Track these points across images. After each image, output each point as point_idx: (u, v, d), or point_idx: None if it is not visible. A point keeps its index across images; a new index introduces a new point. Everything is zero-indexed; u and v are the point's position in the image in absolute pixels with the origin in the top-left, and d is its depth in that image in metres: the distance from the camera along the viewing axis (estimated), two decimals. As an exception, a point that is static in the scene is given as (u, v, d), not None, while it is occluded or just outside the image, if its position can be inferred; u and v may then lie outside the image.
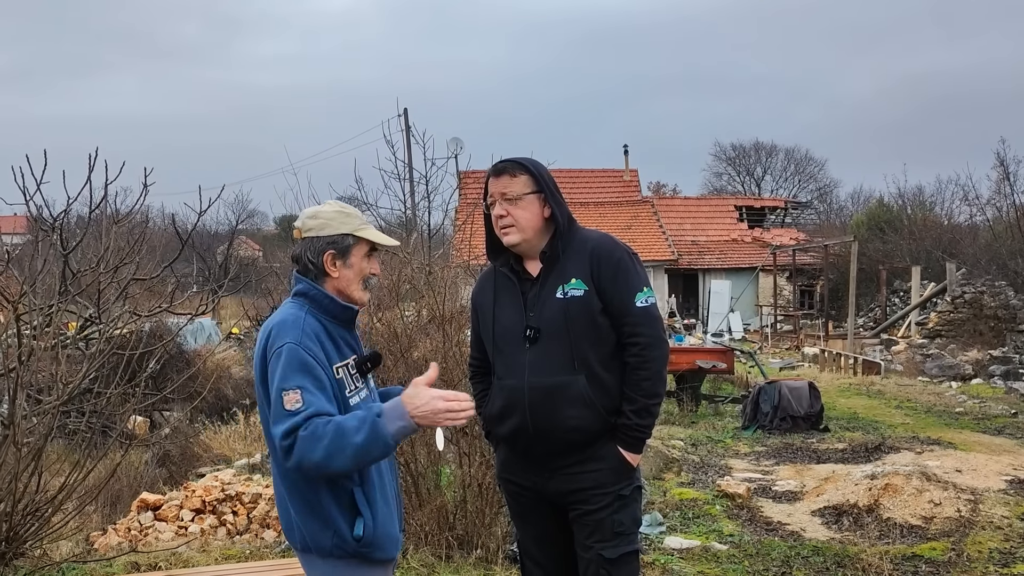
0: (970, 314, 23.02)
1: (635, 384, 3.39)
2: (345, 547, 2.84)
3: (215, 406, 13.16)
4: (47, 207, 6.65)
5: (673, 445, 10.39)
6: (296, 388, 2.72)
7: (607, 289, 3.38)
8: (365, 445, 2.68)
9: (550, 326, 3.39)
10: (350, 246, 2.98)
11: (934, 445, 10.50)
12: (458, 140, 22.61)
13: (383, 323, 7.08)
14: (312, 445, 2.66)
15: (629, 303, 3.38)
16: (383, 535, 2.90)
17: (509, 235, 3.45)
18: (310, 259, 2.96)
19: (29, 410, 5.87)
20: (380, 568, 2.95)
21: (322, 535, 2.84)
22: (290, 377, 2.73)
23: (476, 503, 5.98)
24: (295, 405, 2.70)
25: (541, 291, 3.44)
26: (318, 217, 2.98)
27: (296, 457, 2.68)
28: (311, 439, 2.66)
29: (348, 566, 2.87)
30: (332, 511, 2.83)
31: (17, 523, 5.51)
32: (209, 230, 44.55)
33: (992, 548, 6.45)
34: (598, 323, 3.38)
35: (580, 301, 3.37)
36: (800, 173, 60.37)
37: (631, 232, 34.68)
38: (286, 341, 2.79)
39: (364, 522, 2.84)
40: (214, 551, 6.45)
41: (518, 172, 3.46)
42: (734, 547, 6.57)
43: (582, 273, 3.40)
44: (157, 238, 18.68)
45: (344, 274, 2.98)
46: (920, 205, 40.96)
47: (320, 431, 2.67)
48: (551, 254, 3.46)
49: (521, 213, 3.43)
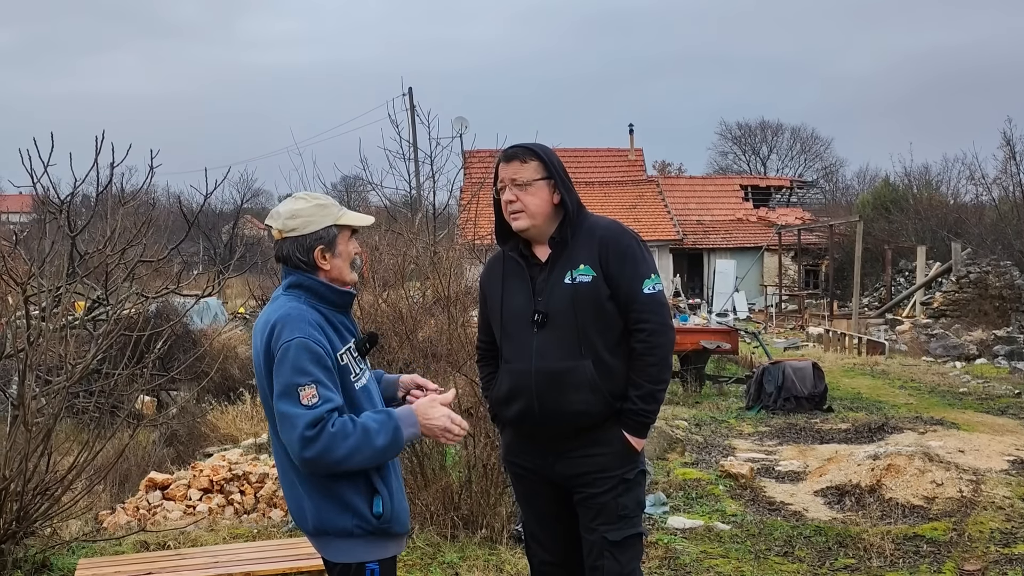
0: (975, 294, 22.99)
1: (641, 370, 3.43)
2: (366, 526, 2.90)
3: (222, 386, 13.20)
4: (54, 188, 6.68)
5: (677, 425, 10.43)
6: (311, 383, 2.78)
7: (615, 275, 3.42)
8: (384, 448, 2.83)
9: (558, 311, 3.43)
10: (335, 236, 3.02)
11: (937, 425, 10.53)
12: (463, 119, 22.54)
13: (388, 304, 7.12)
14: (339, 442, 2.76)
15: (636, 290, 3.42)
16: (400, 509, 2.99)
17: (518, 220, 3.48)
18: (300, 257, 2.99)
19: (38, 391, 5.92)
20: (397, 541, 3.04)
21: (340, 518, 2.89)
22: (304, 372, 2.78)
23: (481, 484, 6.03)
24: (312, 400, 2.76)
25: (550, 276, 3.48)
26: (298, 216, 3.00)
27: (318, 449, 2.75)
28: (339, 436, 2.76)
29: (369, 543, 2.93)
30: (348, 494, 2.88)
31: (27, 502, 5.56)
32: (214, 209, 44.57)
33: (994, 528, 6.49)
34: (605, 309, 3.42)
35: (588, 287, 3.41)
36: (806, 152, 60.14)
37: (636, 212, 34.64)
38: (295, 336, 2.83)
39: (382, 499, 2.91)
40: (222, 530, 6.51)
41: (528, 158, 3.48)
42: (737, 527, 6.62)
43: (590, 259, 3.43)
44: (163, 218, 18.70)
45: (335, 264, 3.02)
46: (926, 184, 40.75)
47: (348, 429, 2.77)
48: (560, 240, 3.48)
49: (531, 199, 3.45)
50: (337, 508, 2.89)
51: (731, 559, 5.92)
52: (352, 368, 2.97)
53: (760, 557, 5.98)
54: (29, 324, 5.93)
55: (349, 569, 2.95)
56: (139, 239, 7.04)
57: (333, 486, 2.88)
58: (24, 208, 29.45)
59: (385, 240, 9.03)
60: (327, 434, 2.74)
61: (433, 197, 14.90)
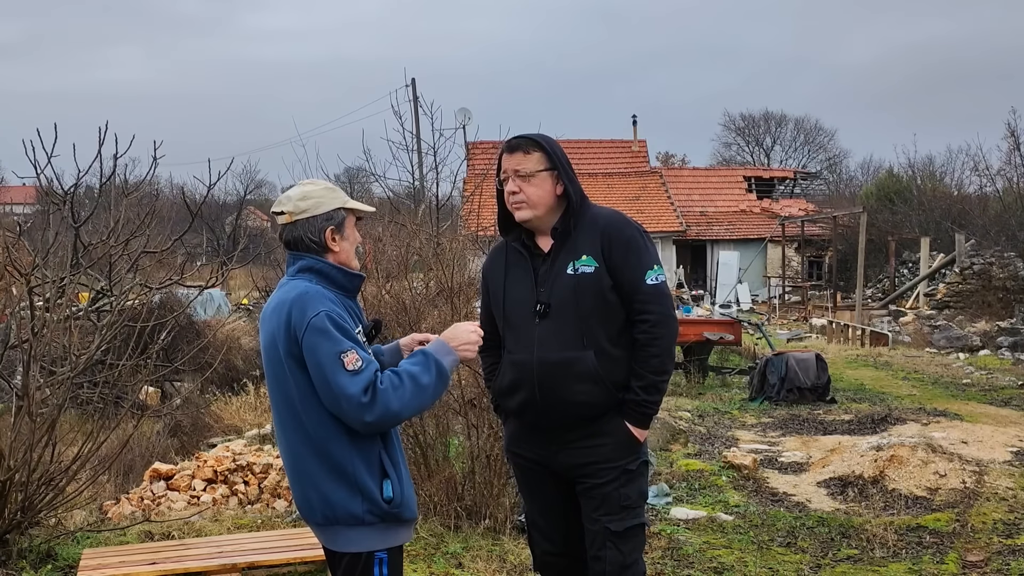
0: (979, 285, 22.98)
1: (644, 360, 3.43)
2: (376, 511, 2.91)
3: (225, 377, 13.21)
4: (57, 180, 6.70)
5: (680, 416, 10.44)
6: (350, 348, 2.83)
7: (618, 267, 3.42)
8: (434, 383, 2.92)
9: (560, 302, 3.43)
10: (344, 219, 3.07)
11: (940, 416, 10.53)
12: (466, 111, 22.47)
13: (391, 295, 7.11)
14: (395, 395, 2.83)
15: (639, 281, 3.42)
16: (408, 494, 3.01)
17: (521, 211, 3.48)
18: (311, 239, 3.02)
19: (43, 382, 5.93)
20: (406, 528, 3.04)
21: (352, 503, 2.89)
22: (339, 341, 2.83)
23: (484, 474, 6.04)
24: (356, 364, 2.82)
25: (552, 266, 3.48)
26: (309, 197, 3.04)
27: (379, 411, 2.81)
28: (393, 389, 2.84)
29: (375, 532, 2.93)
30: (364, 477, 2.89)
31: (32, 493, 5.58)
32: (218, 201, 44.56)
33: (996, 519, 6.50)
34: (608, 300, 3.42)
35: (590, 278, 3.41)
36: (810, 143, 60.08)
37: (639, 203, 34.60)
38: (319, 310, 2.86)
39: (392, 483, 2.93)
40: (226, 520, 6.53)
41: (532, 149, 3.48)
42: (740, 518, 6.63)
43: (593, 250, 3.43)
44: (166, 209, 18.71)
45: (343, 247, 3.06)
46: (930, 176, 40.73)
47: (396, 381, 2.85)
48: (563, 230, 3.49)
49: (533, 190, 3.46)
50: (348, 491, 2.89)
51: (734, 550, 5.93)
52: None
53: (763, 548, 5.99)
54: (33, 315, 5.95)
55: (358, 560, 2.94)
56: (143, 230, 7.06)
57: (352, 468, 2.89)
58: (28, 199, 29.42)
59: (388, 231, 9.02)
60: (380, 392, 2.81)
61: (436, 188, 14.89)
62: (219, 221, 46.68)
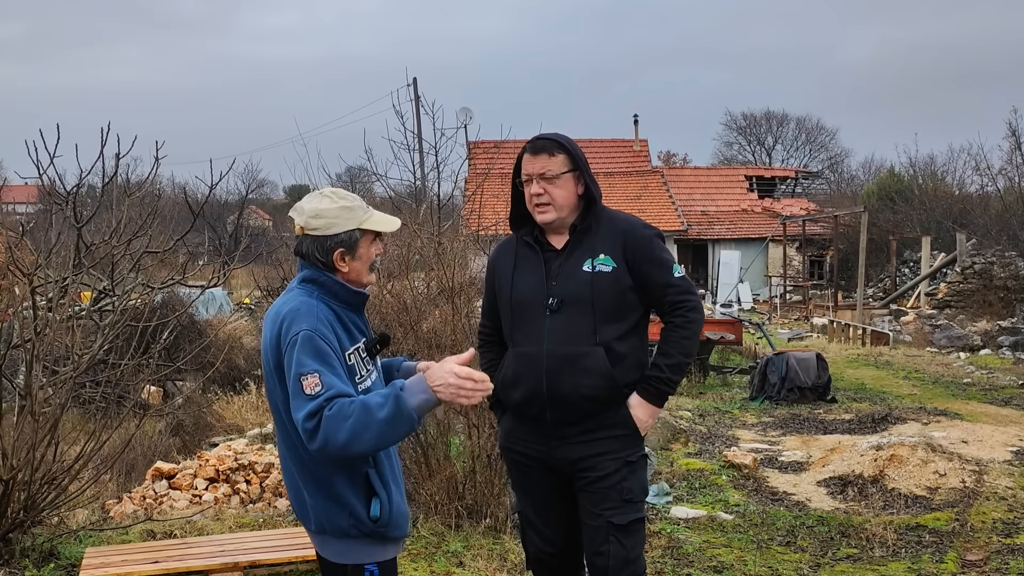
0: (979, 285, 22.98)
1: (676, 341, 3.53)
2: (362, 527, 2.85)
3: (227, 376, 13.25)
4: (60, 179, 6.71)
5: (681, 416, 10.46)
6: (314, 372, 2.69)
7: (643, 267, 3.49)
8: (390, 420, 2.65)
9: (575, 297, 3.47)
10: (357, 240, 2.93)
11: (940, 416, 10.55)
12: (468, 110, 22.45)
13: (392, 295, 7.13)
14: (338, 425, 2.63)
15: (669, 275, 3.53)
16: (398, 513, 2.92)
17: (546, 213, 3.51)
18: (319, 257, 2.91)
19: (45, 381, 5.95)
20: (394, 545, 2.98)
21: (338, 516, 2.84)
22: (307, 363, 2.71)
23: (485, 473, 6.06)
24: (315, 389, 2.68)
25: (567, 262, 3.52)
26: (321, 216, 2.90)
27: (321, 438, 2.64)
28: (337, 418, 2.63)
29: (364, 545, 2.88)
30: (347, 494, 2.83)
31: (35, 492, 5.60)
32: (219, 200, 44.58)
33: (996, 518, 6.51)
34: (624, 299, 3.49)
35: (608, 276, 3.46)
36: (811, 143, 60.01)
37: (640, 202, 34.63)
38: (302, 328, 2.76)
39: (380, 502, 2.85)
40: (228, 519, 6.55)
41: (556, 151, 3.51)
42: (740, 517, 6.65)
43: (612, 251, 3.48)
44: (168, 208, 18.73)
45: (354, 267, 2.94)
46: (931, 175, 40.69)
47: (346, 410, 2.64)
48: (582, 228, 3.53)
49: (559, 192, 3.49)
50: (334, 505, 2.84)
51: (734, 549, 5.95)
52: (358, 369, 2.90)
53: (763, 547, 6.00)
54: (36, 314, 5.97)
55: (346, 571, 2.89)
56: (145, 230, 7.08)
57: (332, 483, 2.83)
58: (30, 199, 29.46)
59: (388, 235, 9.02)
60: (325, 420, 2.64)
61: (438, 187, 14.88)
62: (221, 220, 46.72)
